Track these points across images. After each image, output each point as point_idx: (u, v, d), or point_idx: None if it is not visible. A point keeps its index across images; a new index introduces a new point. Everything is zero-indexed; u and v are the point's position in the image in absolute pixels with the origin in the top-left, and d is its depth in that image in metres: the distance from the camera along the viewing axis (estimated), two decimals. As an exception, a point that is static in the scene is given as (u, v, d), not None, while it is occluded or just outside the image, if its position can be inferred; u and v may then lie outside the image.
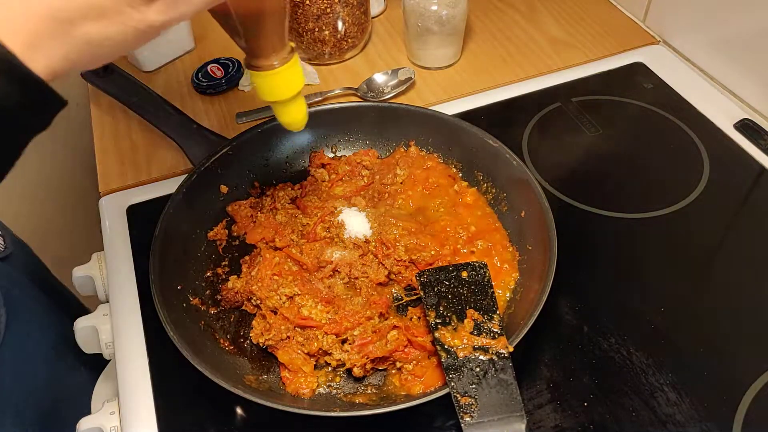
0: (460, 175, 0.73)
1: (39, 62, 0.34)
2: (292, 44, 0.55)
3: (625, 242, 0.69)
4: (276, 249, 0.66)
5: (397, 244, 0.64)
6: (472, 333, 0.55)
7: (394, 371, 0.58)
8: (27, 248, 0.87)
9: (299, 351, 0.58)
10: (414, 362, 0.57)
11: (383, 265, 0.64)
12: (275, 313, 0.60)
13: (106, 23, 0.36)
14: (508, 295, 0.62)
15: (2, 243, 0.77)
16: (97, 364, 0.77)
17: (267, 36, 0.52)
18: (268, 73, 0.54)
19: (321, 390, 0.58)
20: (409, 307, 0.62)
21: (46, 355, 0.75)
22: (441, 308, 0.57)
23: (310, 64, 0.90)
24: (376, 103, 0.78)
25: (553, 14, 0.98)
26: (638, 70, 0.89)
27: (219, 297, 0.64)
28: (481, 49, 0.93)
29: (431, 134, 0.74)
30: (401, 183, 0.72)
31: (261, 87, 0.56)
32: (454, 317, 0.56)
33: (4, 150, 0.36)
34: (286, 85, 0.55)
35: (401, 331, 0.58)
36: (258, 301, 0.62)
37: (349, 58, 0.92)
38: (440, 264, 0.63)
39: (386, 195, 0.71)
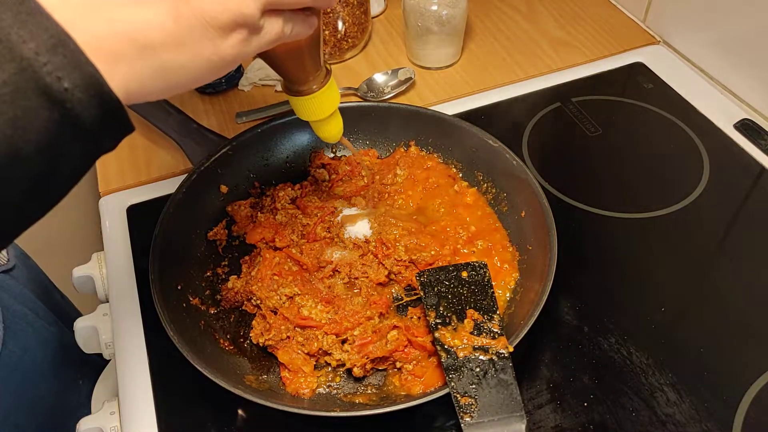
0: (460, 175, 0.73)
1: (115, 82, 0.34)
2: (329, 66, 0.57)
3: (625, 242, 0.69)
4: (276, 249, 0.66)
5: (397, 244, 0.64)
6: (472, 333, 0.55)
7: (394, 371, 0.58)
8: (30, 261, 0.87)
9: (299, 351, 0.58)
10: (414, 362, 0.57)
11: (383, 265, 0.64)
12: (275, 313, 0.60)
13: (182, 51, 0.37)
14: (508, 295, 0.62)
15: (5, 256, 0.77)
16: (96, 374, 0.77)
17: (305, 65, 0.54)
18: (307, 98, 0.56)
19: (321, 390, 0.58)
20: (409, 307, 0.62)
21: (44, 370, 0.74)
22: (441, 308, 0.57)
23: (310, 64, 0.90)
24: (376, 103, 0.78)
25: (554, 14, 0.98)
26: (638, 70, 0.89)
27: (219, 297, 0.64)
28: (481, 49, 0.93)
29: (431, 134, 0.74)
30: (401, 183, 0.72)
31: (300, 109, 0.57)
32: (454, 317, 0.56)
33: (72, 167, 0.36)
34: (325, 106, 0.57)
35: (401, 331, 0.58)
36: (258, 301, 0.61)
37: (349, 58, 0.92)
38: (440, 264, 0.63)
39: (386, 195, 0.71)
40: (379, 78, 0.87)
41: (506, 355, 0.53)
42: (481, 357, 0.53)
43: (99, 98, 0.33)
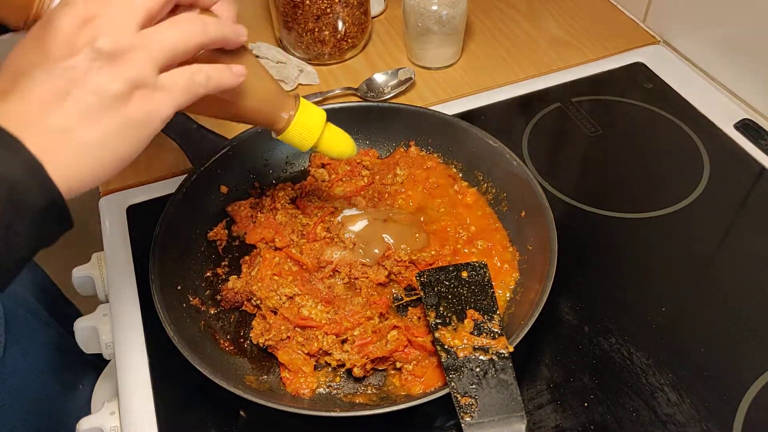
0: (460, 175, 0.73)
1: (55, 173, 0.37)
2: (296, 94, 0.56)
3: (625, 242, 0.69)
4: (276, 249, 0.66)
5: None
6: (472, 333, 0.55)
7: (394, 371, 0.58)
8: (32, 263, 0.87)
9: (299, 351, 0.58)
10: (414, 362, 0.57)
11: (383, 265, 0.64)
12: (275, 313, 0.60)
13: (95, 130, 0.39)
14: (508, 295, 0.62)
15: None
16: (96, 378, 0.77)
17: (263, 107, 0.53)
18: (288, 132, 0.55)
19: (321, 390, 0.58)
20: (409, 307, 0.62)
21: (43, 374, 0.74)
22: (441, 308, 0.57)
23: (310, 64, 0.91)
24: (376, 103, 0.78)
25: (554, 14, 0.98)
26: (638, 70, 0.89)
27: (219, 297, 0.64)
28: (481, 49, 0.93)
29: (431, 134, 0.74)
30: (401, 183, 0.72)
31: (293, 142, 0.56)
32: (454, 317, 0.56)
33: (14, 253, 0.38)
34: (310, 128, 0.55)
35: (401, 331, 0.58)
36: (258, 301, 0.61)
37: (349, 58, 0.92)
38: (440, 264, 0.63)
39: (386, 195, 0.71)
40: (379, 78, 0.87)
41: (506, 355, 0.53)
42: (481, 357, 0.53)
43: (44, 190, 0.37)
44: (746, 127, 0.79)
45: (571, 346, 0.60)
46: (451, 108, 0.83)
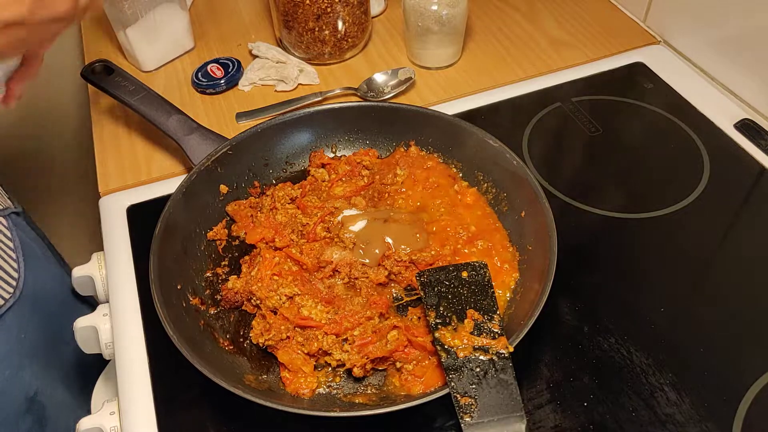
0: (461, 175, 0.73)
1: None
2: None
3: (625, 242, 0.69)
4: (276, 249, 0.66)
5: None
6: (472, 333, 0.55)
7: (394, 371, 0.58)
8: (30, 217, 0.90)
9: (299, 351, 0.58)
10: (414, 362, 0.57)
11: (383, 265, 0.64)
12: (275, 313, 0.60)
13: None
14: (508, 295, 0.62)
15: (12, 204, 0.79)
16: (99, 358, 0.77)
17: None
18: None
19: (321, 390, 0.58)
20: (409, 307, 0.62)
21: (59, 307, 0.76)
22: (441, 308, 0.57)
23: (310, 63, 0.90)
24: (376, 103, 0.78)
25: (554, 14, 0.98)
26: (638, 70, 0.89)
27: (219, 297, 0.64)
28: (481, 49, 0.93)
29: (431, 134, 0.74)
30: (401, 183, 0.72)
31: None
32: (454, 317, 0.56)
33: None
34: None
35: (401, 331, 0.58)
36: (258, 301, 0.62)
37: (349, 58, 0.92)
38: (440, 264, 0.63)
39: (386, 195, 0.71)
40: (379, 78, 0.87)
41: (506, 355, 0.53)
42: (481, 357, 0.53)
43: None
44: (746, 127, 0.79)
45: (571, 346, 0.60)
46: (451, 108, 0.83)
